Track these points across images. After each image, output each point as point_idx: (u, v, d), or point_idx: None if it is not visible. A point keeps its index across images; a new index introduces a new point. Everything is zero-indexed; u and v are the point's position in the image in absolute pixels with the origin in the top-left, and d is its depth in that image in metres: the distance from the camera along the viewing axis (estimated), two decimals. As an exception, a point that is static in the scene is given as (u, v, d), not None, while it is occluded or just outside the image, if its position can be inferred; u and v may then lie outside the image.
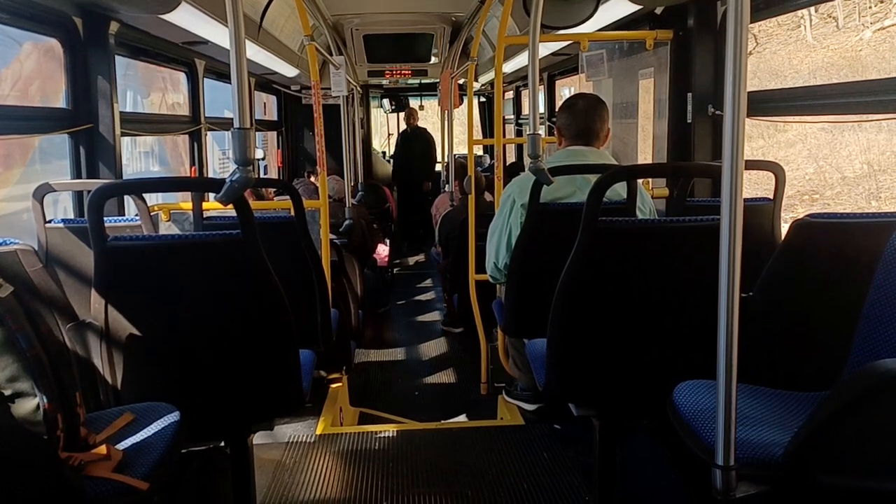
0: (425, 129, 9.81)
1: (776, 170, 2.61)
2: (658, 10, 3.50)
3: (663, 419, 1.79)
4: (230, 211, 1.97)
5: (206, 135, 5.05)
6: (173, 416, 1.85)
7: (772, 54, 16.26)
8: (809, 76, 14.27)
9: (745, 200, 2.00)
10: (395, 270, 8.38)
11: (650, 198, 2.95)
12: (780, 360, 1.98)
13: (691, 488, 2.07)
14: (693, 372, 1.80)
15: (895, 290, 1.47)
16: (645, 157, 3.98)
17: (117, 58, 3.51)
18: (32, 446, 1.43)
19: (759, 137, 13.64)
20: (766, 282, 2.01)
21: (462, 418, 4.41)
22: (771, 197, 2.70)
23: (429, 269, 7.49)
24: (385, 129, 12.39)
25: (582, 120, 2.93)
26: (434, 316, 6.87)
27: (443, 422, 4.23)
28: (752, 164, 2.64)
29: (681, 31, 3.42)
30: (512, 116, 8.76)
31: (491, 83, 7.80)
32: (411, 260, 9.56)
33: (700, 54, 3.33)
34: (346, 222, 4.98)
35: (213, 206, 3.16)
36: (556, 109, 6.53)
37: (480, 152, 10.14)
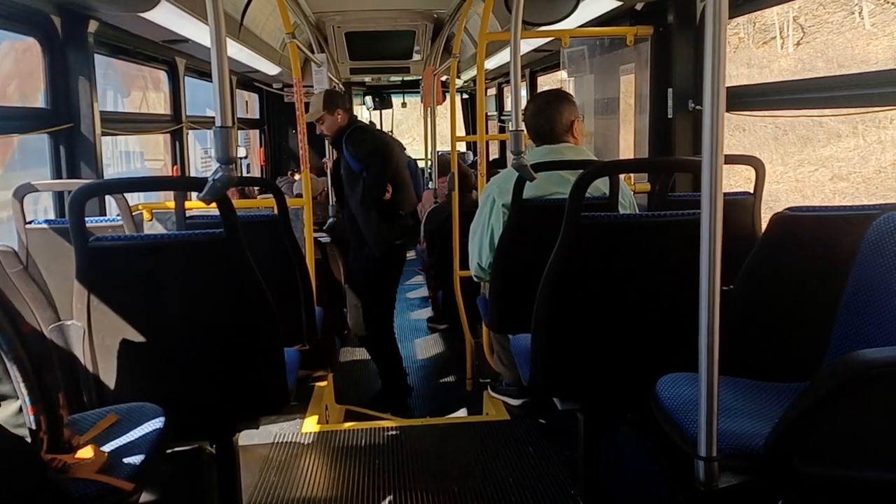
0: (383, 136, 4.74)
1: (756, 164, 2.63)
2: (638, 7, 3.52)
3: (647, 412, 1.80)
4: (213, 210, 1.96)
5: (187, 134, 5.02)
6: (158, 417, 1.84)
7: (825, 44, 15.66)
8: (883, 64, 13.39)
9: (726, 194, 2.02)
10: None
11: (630, 192, 2.96)
12: (761, 352, 2.00)
13: (675, 480, 2.09)
14: (676, 365, 1.81)
15: (873, 281, 1.50)
16: (626, 152, 4.00)
17: (97, 57, 3.48)
18: (15, 449, 1.42)
19: (852, 136, 12.77)
20: (747, 275, 2.03)
21: (448, 414, 4.42)
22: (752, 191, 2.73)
23: (416, 267, 7.50)
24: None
25: (531, 123, 2.95)
26: (420, 313, 6.88)
27: (428, 418, 4.24)
28: (732, 159, 2.66)
29: (661, 27, 3.44)
30: (494, 113, 8.77)
31: (473, 80, 7.80)
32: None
33: (680, 50, 3.35)
34: (330, 220, 4.98)
35: (195, 205, 3.14)
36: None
37: (464, 149, 10.15)
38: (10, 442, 1.41)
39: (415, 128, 8.91)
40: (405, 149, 4.79)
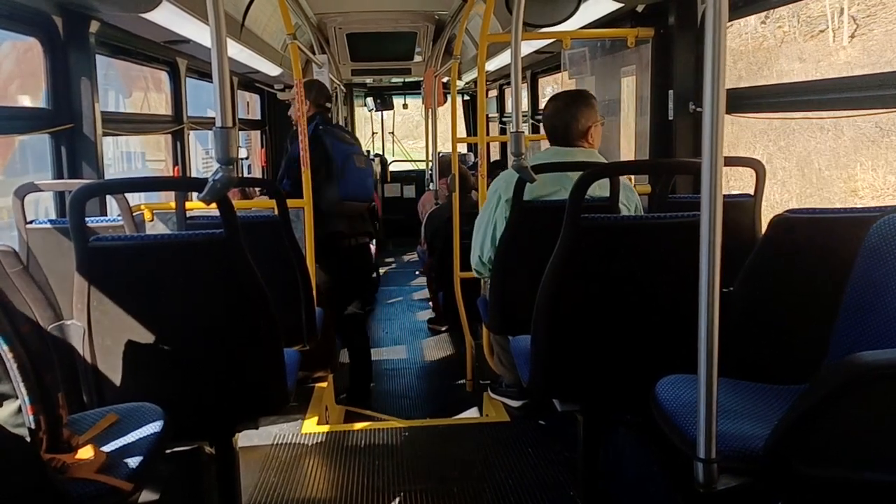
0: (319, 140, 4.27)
1: (756, 166, 2.63)
2: (639, 8, 3.52)
3: (646, 413, 1.80)
4: (215, 210, 1.97)
5: (188, 134, 5.02)
6: (157, 417, 1.84)
7: (888, 34, 14.43)
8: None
9: (726, 196, 2.02)
10: (381, 270, 8.36)
11: (637, 195, 2.94)
12: (761, 354, 2.00)
13: (674, 481, 2.09)
14: (676, 366, 1.81)
15: (873, 284, 1.50)
16: (627, 154, 4.00)
17: (98, 57, 3.48)
18: (14, 449, 1.42)
19: None
20: (747, 277, 2.03)
21: (448, 415, 4.42)
22: (752, 193, 2.73)
23: (417, 268, 7.51)
24: (369, 126, 12.37)
25: (549, 123, 2.93)
26: (421, 314, 6.88)
27: (428, 419, 4.24)
28: (732, 161, 2.66)
29: (662, 28, 3.44)
30: (496, 114, 8.78)
31: (474, 81, 7.80)
32: (405, 257, 9.57)
33: (681, 52, 3.35)
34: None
35: (196, 205, 3.15)
36: (539, 108, 6.57)
37: (465, 150, 10.15)
38: (9, 441, 1.41)
39: (441, 126, 8.18)
40: (349, 144, 4.43)
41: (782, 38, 16.41)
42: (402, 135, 17.34)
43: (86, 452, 1.59)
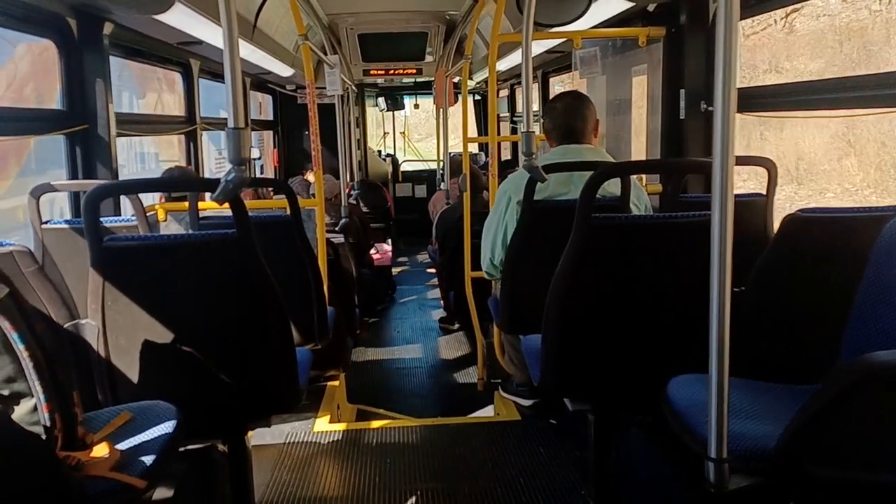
0: None
1: (768, 165, 2.62)
2: (650, 8, 3.52)
3: (658, 413, 1.80)
4: (227, 210, 1.98)
5: (201, 135, 5.05)
6: (171, 415, 1.86)
7: None
8: None
9: (738, 196, 2.02)
10: (394, 270, 8.37)
11: (646, 194, 2.95)
12: (773, 353, 1.99)
13: (686, 481, 2.09)
14: (687, 366, 1.81)
15: (885, 283, 1.49)
16: (638, 153, 3.99)
17: (112, 58, 3.51)
18: (30, 446, 1.44)
19: None
20: (759, 276, 2.02)
21: (459, 414, 4.42)
22: (764, 192, 2.72)
23: (433, 267, 7.52)
24: (381, 128, 12.38)
25: (562, 121, 2.96)
26: (432, 314, 6.88)
27: (440, 417, 4.24)
28: (744, 160, 2.65)
29: (673, 28, 3.43)
30: (507, 114, 8.77)
31: (485, 81, 7.79)
32: (418, 257, 9.58)
33: (692, 51, 3.34)
34: (342, 220, 4.99)
35: (209, 205, 3.16)
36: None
37: (476, 150, 10.15)
38: (25, 439, 1.42)
39: (459, 127, 7.88)
40: None
41: (873, 21, 15.18)
42: (424, 134, 17.15)
43: (100, 450, 1.61)
